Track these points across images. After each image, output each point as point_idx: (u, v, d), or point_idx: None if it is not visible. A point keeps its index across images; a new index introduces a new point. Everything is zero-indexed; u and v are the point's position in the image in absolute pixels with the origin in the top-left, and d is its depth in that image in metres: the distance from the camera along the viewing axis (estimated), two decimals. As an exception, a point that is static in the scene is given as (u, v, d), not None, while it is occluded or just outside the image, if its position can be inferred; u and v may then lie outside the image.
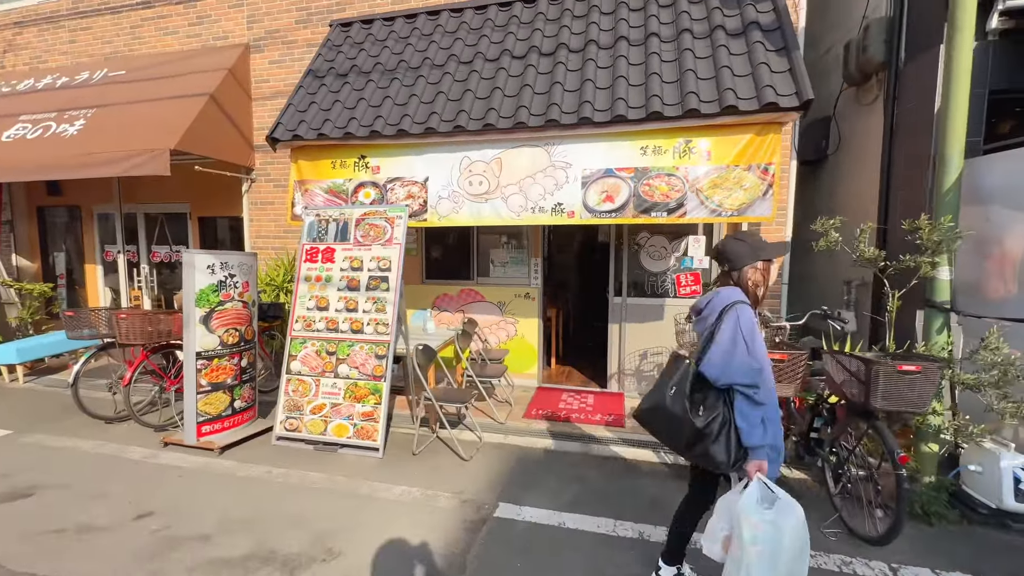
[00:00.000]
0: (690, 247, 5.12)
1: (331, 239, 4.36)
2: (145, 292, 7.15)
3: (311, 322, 4.24)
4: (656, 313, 5.24)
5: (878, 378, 2.46)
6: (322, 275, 4.31)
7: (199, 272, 3.89)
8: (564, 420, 4.62)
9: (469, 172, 4.36)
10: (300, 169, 4.80)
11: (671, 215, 4.00)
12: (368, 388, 3.98)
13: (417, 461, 3.81)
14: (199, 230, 6.85)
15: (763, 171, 3.80)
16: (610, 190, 4.09)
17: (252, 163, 6.17)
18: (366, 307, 4.14)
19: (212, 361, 3.99)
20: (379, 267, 4.17)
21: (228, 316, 4.07)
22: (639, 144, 4.01)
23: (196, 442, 3.92)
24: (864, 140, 4.70)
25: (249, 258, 4.32)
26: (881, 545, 2.60)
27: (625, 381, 5.40)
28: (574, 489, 3.38)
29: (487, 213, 4.33)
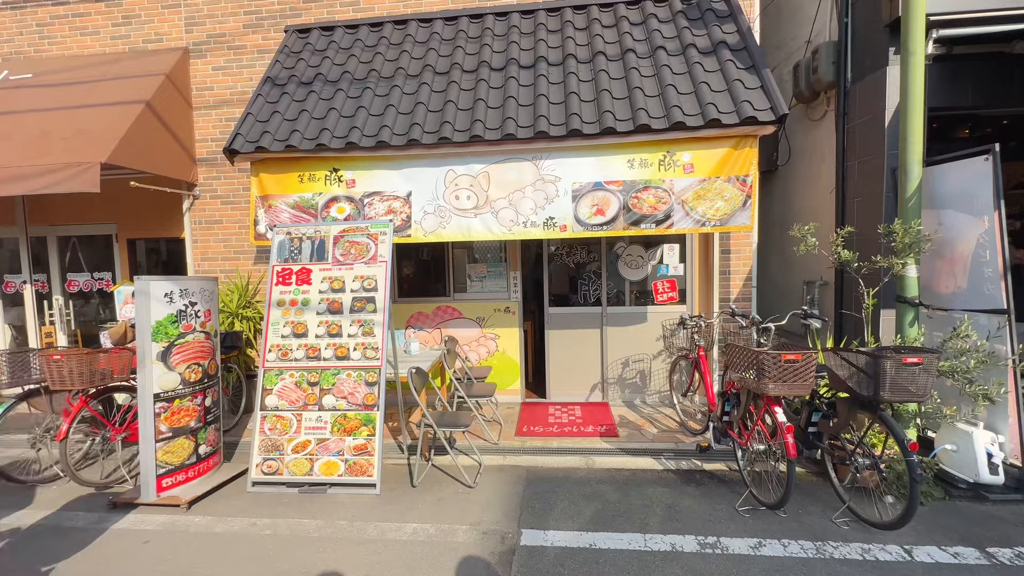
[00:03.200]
0: (665, 255, 5.30)
1: (306, 259, 4.00)
2: (60, 328, 6.18)
3: (287, 351, 3.85)
4: (637, 321, 5.33)
5: (886, 371, 2.63)
6: (298, 299, 3.94)
7: (155, 301, 3.40)
8: (558, 435, 4.54)
9: (455, 186, 4.21)
10: (262, 184, 4.40)
11: (659, 226, 4.10)
12: (359, 419, 3.66)
13: (418, 494, 3.55)
14: (128, 254, 6.05)
15: (742, 182, 4.01)
16: (600, 203, 4.12)
17: (195, 178, 5.58)
18: (351, 331, 3.83)
19: (173, 403, 3.48)
20: (364, 287, 3.89)
21: (190, 350, 3.59)
22: (626, 157, 4.08)
23: (156, 498, 3.38)
24: (814, 152, 5.13)
25: (210, 283, 3.85)
26: (894, 529, 2.76)
27: (609, 391, 5.43)
28: (591, 506, 3.29)
29: (477, 228, 4.20)
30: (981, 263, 3.26)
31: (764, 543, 2.81)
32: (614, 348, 5.37)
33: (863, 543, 2.79)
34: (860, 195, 4.30)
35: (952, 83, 3.93)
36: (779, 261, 5.90)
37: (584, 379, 5.46)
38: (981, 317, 3.24)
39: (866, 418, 2.94)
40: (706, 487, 3.54)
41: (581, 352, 5.42)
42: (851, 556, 2.68)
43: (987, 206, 3.16)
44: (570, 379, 5.46)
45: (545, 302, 5.45)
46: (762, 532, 2.92)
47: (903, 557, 2.66)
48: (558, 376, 5.49)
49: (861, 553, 2.70)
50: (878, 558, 2.66)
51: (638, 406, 5.27)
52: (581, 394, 5.49)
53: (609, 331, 5.37)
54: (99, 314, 6.46)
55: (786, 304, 5.65)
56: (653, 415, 5.00)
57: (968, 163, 3.33)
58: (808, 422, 3.35)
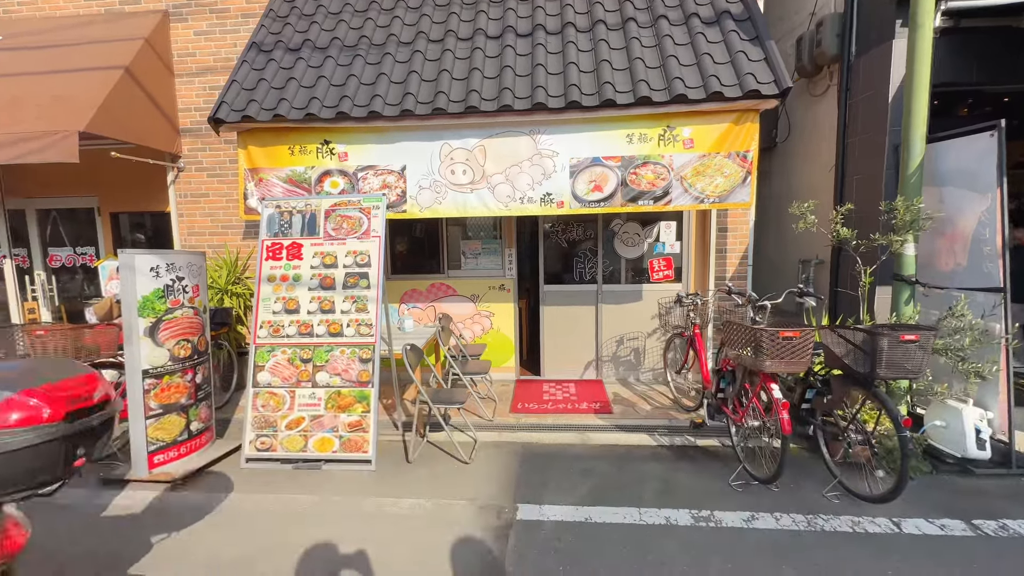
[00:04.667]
0: (662, 233, 5.26)
1: (297, 233, 3.90)
2: (43, 304, 6.03)
3: (279, 327, 3.78)
4: (632, 299, 5.31)
5: (883, 348, 2.63)
6: (289, 274, 3.85)
7: (141, 276, 3.30)
8: (552, 411, 4.56)
9: (451, 160, 4.10)
10: (251, 156, 4.25)
11: (657, 203, 4.03)
12: (354, 396, 3.63)
13: (414, 469, 3.55)
14: (112, 228, 5.88)
15: (742, 158, 3.94)
16: (598, 179, 4.04)
17: (179, 149, 5.39)
18: (344, 307, 3.76)
19: (162, 379, 3.42)
20: (356, 263, 3.80)
21: (178, 326, 3.50)
22: (625, 132, 3.98)
23: (148, 475, 3.35)
24: (815, 129, 5.06)
25: (198, 258, 3.75)
26: (885, 502, 2.81)
27: (603, 368, 5.44)
28: (587, 482, 3.32)
29: (474, 203, 4.11)
30: (981, 241, 3.25)
31: (756, 516, 2.86)
32: (609, 326, 5.37)
33: (853, 516, 2.84)
34: (860, 173, 4.26)
35: (958, 58, 3.85)
36: (775, 240, 5.89)
37: (579, 357, 5.47)
38: (978, 295, 3.25)
39: (860, 395, 2.96)
40: (700, 463, 3.58)
41: (576, 330, 5.41)
42: (841, 528, 2.73)
43: (990, 183, 3.14)
44: (565, 357, 5.46)
45: (540, 279, 5.40)
46: (755, 506, 2.96)
47: (892, 529, 2.72)
48: (553, 354, 5.49)
49: (851, 525, 2.76)
50: (867, 530, 2.71)
51: (632, 383, 5.30)
52: (575, 372, 5.50)
53: (604, 309, 5.35)
54: (84, 290, 6.31)
55: (781, 282, 5.66)
56: (647, 392, 5.03)
57: (973, 139, 3.28)
58: (802, 399, 3.38)
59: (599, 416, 4.43)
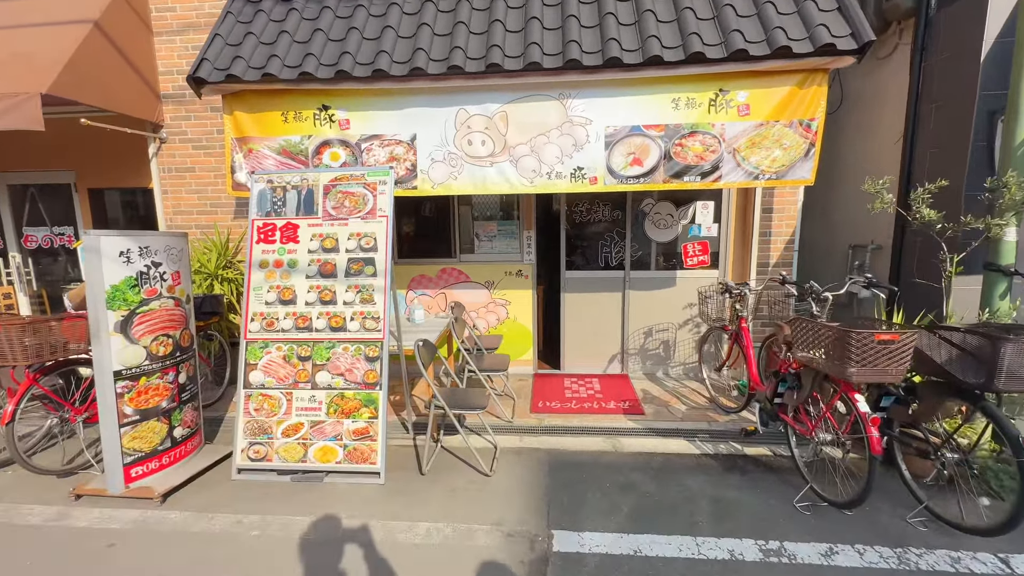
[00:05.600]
0: (698, 214, 4.74)
1: (292, 212, 3.40)
2: (19, 287, 5.56)
3: (273, 320, 3.30)
4: (663, 286, 4.83)
5: (1004, 356, 2.16)
6: (283, 259, 3.36)
7: (109, 261, 2.81)
8: (577, 411, 4.12)
9: (468, 129, 3.56)
10: (238, 123, 3.71)
11: (705, 180, 3.51)
12: (359, 399, 3.18)
13: (429, 483, 3.12)
14: (90, 205, 5.36)
15: (806, 128, 3.41)
16: (638, 151, 3.51)
17: (160, 118, 4.84)
18: (347, 298, 3.28)
19: (138, 381, 2.96)
20: (361, 246, 3.31)
21: (155, 319, 3.03)
22: (671, 96, 3.44)
23: (124, 490, 2.92)
24: (875, 97, 4.49)
25: (178, 240, 3.25)
26: (992, 535, 2.38)
27: (629, 362, 5.00)
28: (627, 500, 2.89)
29: (494, 179, 3.59)
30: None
31: (836, 549, 2.43)
32: (636, 316, 4.90)
33: (950, 550, 2.41)
34: (937, 145, 3.72)
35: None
36: (820, 223, 5.36)
37: (602, 349, 5.02)
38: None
39: (959, 407, 2.50)
40: (752, 477, 3.15)
41: (600, 320, 4.95)
42: (940, 567, 2.30)
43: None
44: (587, 349, 5.01)
45: (562, 264, 4.91)
46: (830, 535, 2.54)
47: (1001, 569, 2.29)
48: (574, 346, 5.03)
49: (951, 563, 2.33)
50: (972, 569, 2.29)
51: (661, 379, 4.86)
52: (599, 365, 5.05)
53: (632, 297, 4.87)
54: (67, 273, 5.84)
55: (826, 271, 5.17)
56: (678, 389, 4.59)
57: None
58: (876, 406, 2.92)
59: (629, 417, 3.99)
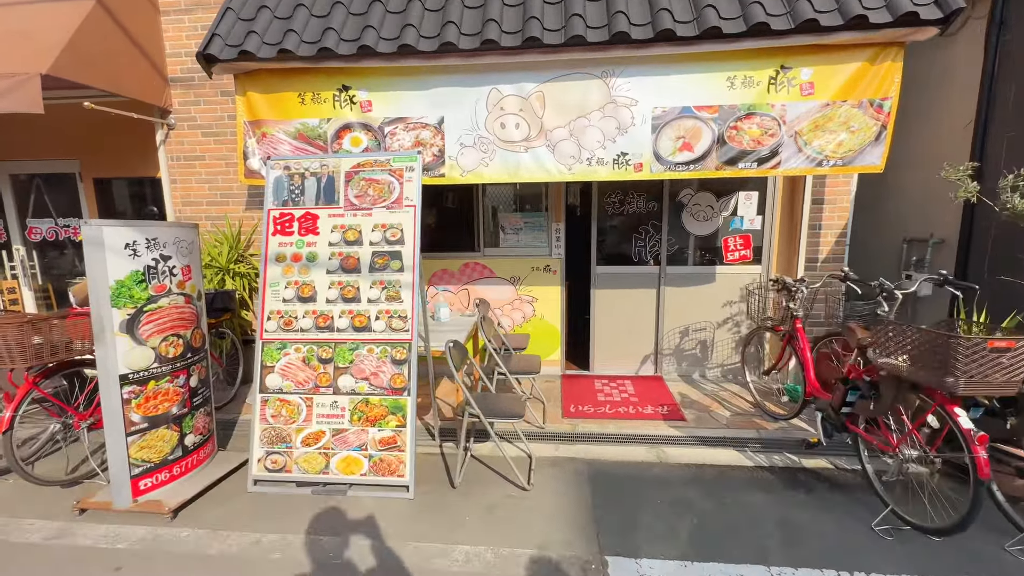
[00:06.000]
0: (740, 205, 4.42)
1: (310, 201, 3.12)
2: (23, 282, 5.34)
3: (291, 319, 3.04)
4: (701, 282, 4.53)
5: None
6: (302, 252, 3.09)
7: (113, 255, 2.55)
8: (613, 416, 3.84)
9: (500, 111, 3.26)
10: (251, 105, 3.43)
11: (762, 166, 3.20)
12: (386, 406, 2.92)
13: (462, 498, 2.86)
14: (96, 196, 5.12)
15: (877, 108, 3.08)
16: (688, 135, 3.19)
17: (168, 103, 4.57)
18: (372, 295, 3.01)
19: (147, 386, 2.71)
20: (386, 239, 3.03)
21: (165, 318, 2.78)
22: (726, 74, 3.12)
23: (133, 505, 2.68)
24: (942, 78, 4.14)
25: (188, 232, 2.99)
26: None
27: (663, 363, 4.70)
28: (684, 521, 2.61)
29: (528, 166, 3.29)
30: None
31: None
32: (672, 314, 4.60)
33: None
34: (1015, 129, 3.37)
35: None
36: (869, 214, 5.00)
37: (635, 349, 4.73)
38: None
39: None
40: (818, 494, 2.86)
41: (633, 318, 4.65)
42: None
43: None
44: (618, 349, 4.72)
45: (593, 259, 4.61)
46: (922, 566, 2.25)
47: None
48: (604, 345, 4.75)
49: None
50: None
51: (698, 381, 4.56)
52: (631, 366, 4.76)
53: (667, 294, 4.57)
54: (74, 266, 5.61)
55: (876, 266, 4.82)
56: (718, 393, 4.29)
57: None
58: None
59: (670, 424, 3.71)
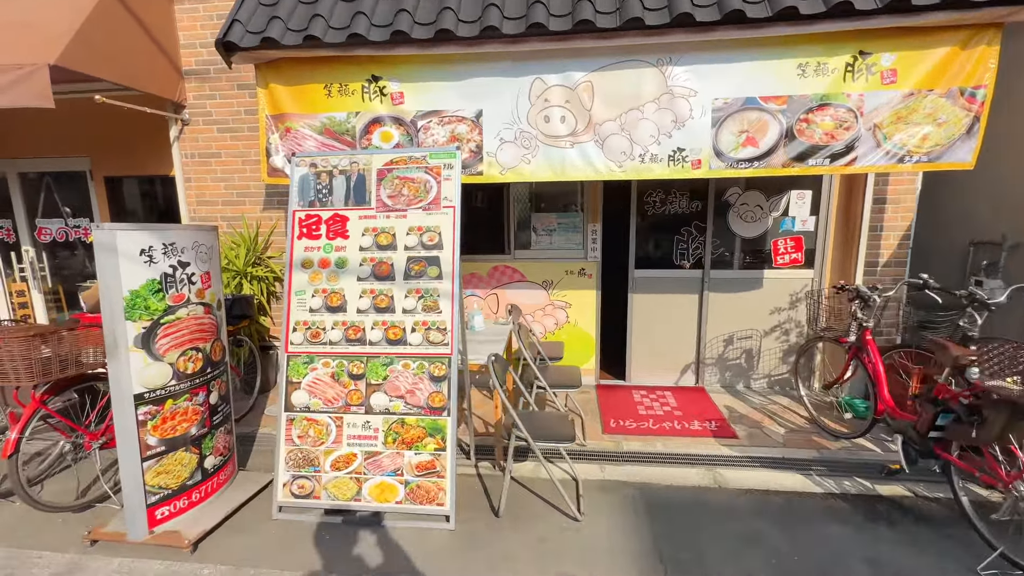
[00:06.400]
0: (792, 205, 4.12)
1: (340, 201, 2.86)
2: (33, 285, 5.14)
3: (319, 330, 2.78)
4: (747, 287, 4.23)
5: None
6: (330, 257, 2.83)
7: (127, 262, 2.31)
8: (658, 433, 3.57)
9: (544, 103, 2.98)
10: (274, 98, 3.18)
11: (835, 163, 2.90)
12: (423, 427, 2.66)
13: (508, 529, 2.59)
14: (108, 195, 4.90)
15: (968, 98, 2.77)
16: (752, 129, 2.90)
17: (183, 96, 4.33)
18: (407, 304, 2.75)
19: (164, 405, 2.47)
20: (423, 243, 2.77)
21: (184, 330, 2.53)
22: (797, 60, 2.82)
23: (148, 536, 2.44)
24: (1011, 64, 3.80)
25: (207, 235, 2.74)
26: None
27: (705, 373, 4.42)
28: (760, 560, 2.33)
29: (574, 163, 3.01)
30: None
31: (1067, 647, 1.85)
32: (715, 320, 4.31)
33: None
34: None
35: None
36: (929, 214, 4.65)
37: (674, 358, 4.44)
38: None
39: None
40: (903, 528, 2.57)
41: (673, 324, 4.37)
42: None
43: None
44: (656, 358, 4.44)
45: (630, 262, 4.33)
46: (1048, 623, 1.96)
47: None
48: (642, 353, 4.46)
49: None
50: None
51: (743, 393, 4.27)
52: (670, 376, 4.48)
53: (711, 300, 4.28)
54: (85, 268, 5.41)
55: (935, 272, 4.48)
56: (767, 407, 4.00)
57: None
58: None
59: (721, 441, 3.43)
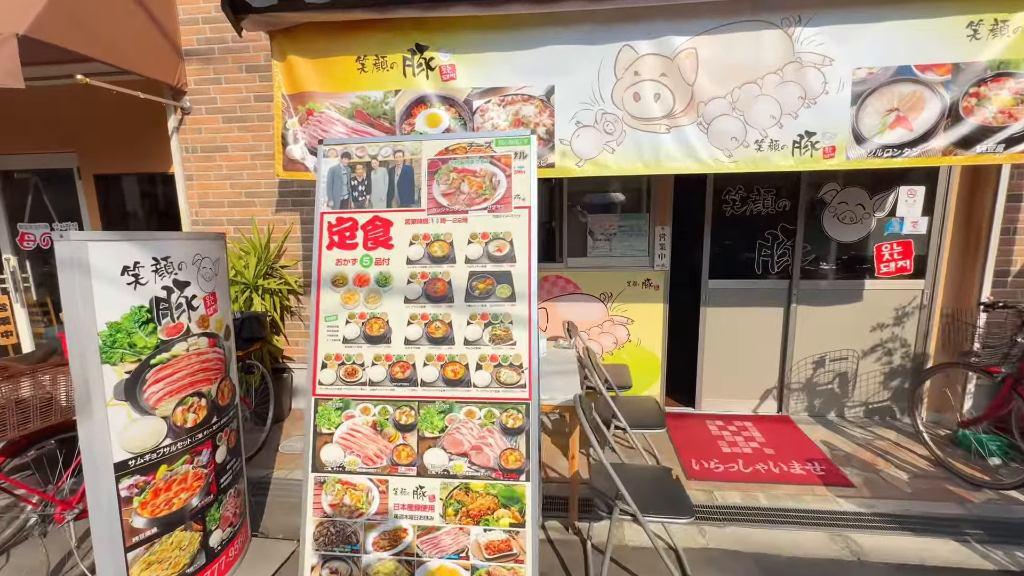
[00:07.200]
0: (900, 203, 3.49)
1: (380, 201, 2.24)
2: (15, 297, 4.54)
3: (355, 367, 2.17)
4: (844, 300, 3.61)
5: None
6: (369, 273, 2.21)
7: (105, 283, 1.69)
8: (753, 478, 2.96)
9: (634, 76, 2.37)
10: (292, 73, 2.58)
11: (1010, 150, 2.28)
12: (495, 495, 2.04)
13: (606, 629, 1.97)
14: (98, 196, 4.30)
15: None
16: (904, 106, 2.28)
17: (182, 81, 3.72)
18: (471, 333, 2.13)
19: (155, 473, 1.86)
20: (489, 254, 2.15)
21: (182, 371, 1.92)
22: (967, 18, 2.20)
23: (136, 650, 1.83)
24: None
25: (212, 245, 2.13)
26: None
27: (790, 399, 3.79)
28: None
29: (670, 152, 2.40)
30: None
31: None
32: (804, 338, 3.69)
33: None
34: None
35: None
36: None
37: (753, 382, 3.83)
38: None
39: None
40: None
41: (752, 342, 3.76)
42: None
43: None
44: (732, 381, 3.83)
45: (704, 270, 3.72)
46: None
47: None
48: (715, 375, 3.85)
49: None
50: None
51: (837, 424, 3.65)
52: (746, 404, 3.86)
53: (799, 313, 3.66)
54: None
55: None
56: (872, 442, 3.38)
57: None
58: None
59: (834, 491, 2.82)
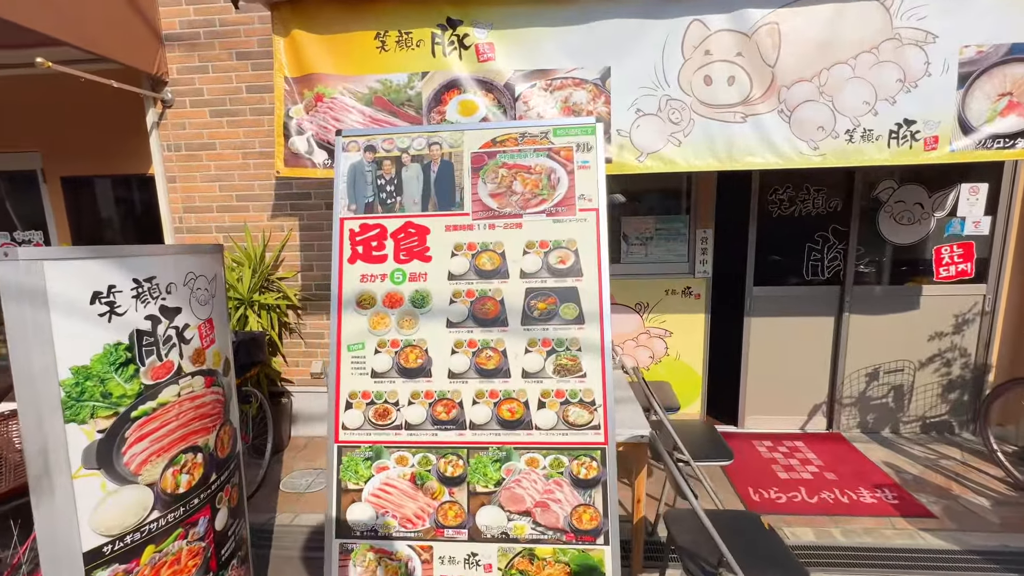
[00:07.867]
0: (962, 202, 3.23)
1: (413, 203, 1.86)
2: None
3: (388, 406, 1.77)
4: (899, 307, 3.34)
5: None
6: (402, 291, 1.82)
7: (68, 316, 1.28)
8: (819, 510, 2.65)
9: (704, 56, 2.03)
10: (298, 51, 2.18)
11: None
12: (567, 563, 1.66)
13: None
14: (66, 201, 3.81)
15: None
16: (1019, 90, 1.99)
17: (163, 69, 3.28)
18: (530, 364, 1.75)
19: (140, 558, 1.44)
20: (549, 266, 1.78)
21: (172, 422, 1.50)
22: (1091, -17, 1.92)
23: None
24: None
25: (207, 261, 1.72)
26: None
27: (841, 415, 3.50)
28: None
29: (746, 143, 2.07)
30: None
31: None
32: (857, 349, 3.41)
33: None
34: None
35: None
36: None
37: (801, 397, 3.53)
38: None
39: None
40: None
41: (800, 354, 3.47)
42: None
43: None
44: (777, 396, 3.53)
45: (748, 276, 3.41)
46: None
47: None
48: (759, 390, 3.54)
49: None
50: None
51: (894, 442, 3.37)
52: (793, 421, 3.56)
53: (851, 323, 3.38)
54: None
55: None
56: (937, 461, 3.10)
57: None
58: None
59: (914, 523, 2.55)
